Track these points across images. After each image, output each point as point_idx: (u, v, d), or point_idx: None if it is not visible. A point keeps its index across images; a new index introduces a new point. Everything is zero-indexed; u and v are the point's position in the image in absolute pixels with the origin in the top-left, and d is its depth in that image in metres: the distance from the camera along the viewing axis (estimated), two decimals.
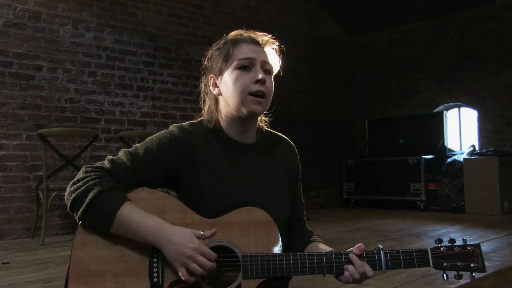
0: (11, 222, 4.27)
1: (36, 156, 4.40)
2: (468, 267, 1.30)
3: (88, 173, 1.24)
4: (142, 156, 1.30)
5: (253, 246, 1.26)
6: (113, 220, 1.19)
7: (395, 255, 1.29)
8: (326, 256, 1.28)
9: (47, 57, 4.57)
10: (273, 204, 1.35)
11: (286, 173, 1.49)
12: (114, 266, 1.21)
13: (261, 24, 6.45)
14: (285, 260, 1.25)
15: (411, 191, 6.25)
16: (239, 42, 1.36)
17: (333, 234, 4.37)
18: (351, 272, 1.26)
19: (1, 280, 2.73)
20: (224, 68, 1.36)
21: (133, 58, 5.23)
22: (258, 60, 1.34)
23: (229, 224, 1.27)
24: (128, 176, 1.28)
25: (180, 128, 1.36)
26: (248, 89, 1.32)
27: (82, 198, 1.20)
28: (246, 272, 1.22)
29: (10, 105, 4.32)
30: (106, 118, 4.97)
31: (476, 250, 1.32)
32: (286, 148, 1.54)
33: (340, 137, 7.40)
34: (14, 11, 4.40)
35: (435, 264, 1.30)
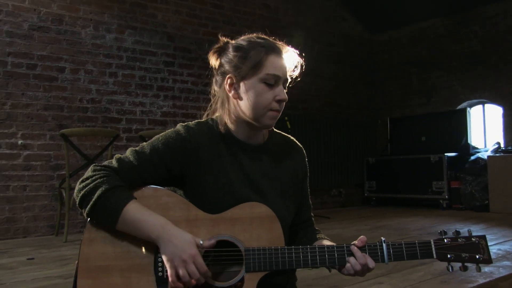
0: (36, 219, 4.39)
1: (59, 155, 4.51)
2: (473, 259, 1.29)
3: (97, 172, 1.28)
4: (148, 155, 1.33)
5: (256, 241, 1.28)
6: (118, 217, 1.22)
7: (398, 247, 1.29)
8: (328, 249, 1.29)
9: (70, 58, 4.68)
10: (276, 206, 1.35)
11: (292, 176, 1.49)
12: (121, 261, 1.25)
13: (280, 23, 6.46)
14: (287, 253, 1.27)
15: (433, 189, 6.15)
16: (271, 52, 1.33)
17: (352, 232, 4.34)
18: (352, 264, 1.27)
19: (25, 275, 2.83)
20: (249, 75, 1.33)
21: (153, 59, 5.30)
22: (283, 78, 1.35)
23: (232, 220, 1.29)
24: (134, 174, 1.31)
25: (186, 128, 1.38)
26: (269, 106, 1.33)
27: (90, 195, 1.24)
28: (248, 265, 1.25)
29: (34, 106, 4.44)
30: (127, 118, 5.06)
31: (481, 242, 1.31)
32: (294, 151, 1.54)
33: (361, 136, 7.34)
34: (38, 15, 4.52)
35: (439, 255, 1.29)
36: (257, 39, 1.38)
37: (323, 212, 6.05)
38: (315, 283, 2.43)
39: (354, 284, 2.38)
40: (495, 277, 2.51)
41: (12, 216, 4.28)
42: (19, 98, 4.37)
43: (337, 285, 2.36)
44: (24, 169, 4.37)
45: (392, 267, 2.76)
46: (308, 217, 1.56)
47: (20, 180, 4.34)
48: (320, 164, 6.74)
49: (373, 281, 2.45)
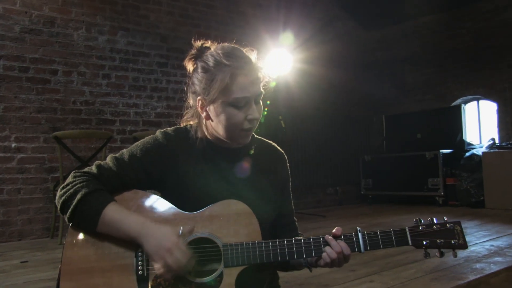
0: (31, 222, 4.39)
1: (53, 158, 4.51)
2: (448, 244, 1.31)
3: (77, 178, 1.31)
4: (127, 161, 1.36)
5: (234, 237, 1.30)
6: (98, 219, 1.25)
7: (373, 236, 1.31)
8: (304, 241, 1.31)
9: (62, 61, 4.67)
10: (255, 209, 1.36)
11: (271, 180, 1.50)
12: (102, 263, 1.27)
13: (272, 22, 6.45)
14: (264, 247, 1.29)
15: (429, 186, 6.16)
16: (237, 74, 1.30)
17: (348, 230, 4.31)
18: (328, 253, 1.28)
19: (18, 278, 2.83)
20: (218, 99, 1.32)
21: (146, 60, 5.30)
22: (253, 96, 1.33)
23: (209, 217, 1.31)
24: (113, 180, 1.34)
25: (164, 134, 1.42)
26: (240, 127, 1.34)
27: (70, 200, 1.27)
28: (227, 261, 1.27)
29: (27, 109, 4.44)
30: (121, 119, 5.06)
31: (456, 227, 1.33)
32: (273, 155, 1.55)
33: (357, 133, 7.36)
34: (30, 18, 4.52)
35: (414, 242, 1.31)
36: (223, 58, 1.32)
37: (319, 211, 6.06)
38: (307, 282, 2.43)
39: (345, 283, 2.39)
40: (486, 273, 2.51)
41: (6, 219, 4.28)
42: (12, 101, 4.37)
43: (328, 284, 2.37)
44: (18, 172, 4.37)
45: (384, 265, 2.77)
46: (291, 220, 1.57)
47: (15, 183, 4.34)
48: (316, 162, 6.74)
49: (365, 279, 2.46)
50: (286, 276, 2.45)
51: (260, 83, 1.36)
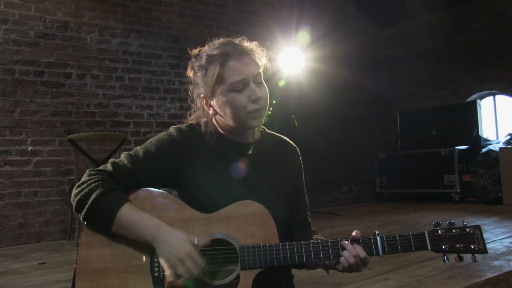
0: (48, 225, 4.45)
1: (68, 161, 4.57)
2: (468, 249, 1.29)
3: (92, 176, 1.30)
4: (141, 158, 1.35)
5: (250, 238, 1.28)
6: (113, 220, 1.24)
7: (392, 239, 1.30)
8: (322, 244, 1.30)
9: (76, 64, 4.73)
10: (269, 204, 1.36)
11: (285, 175, 1.49)
12: (117, 263, 1.26)
13: (284, 21, 6.44)
14: (281, 249, 1.27)
15: (445, 183, 6.09)
16: (226, 60, 1.32)
17: (362, 228, 4.31)
18: (346, 257, 1.27)
19: (36, 279, 2.87)
20: (217, 91, 1.34)
21: (159, 61, 5.33)
22: (250, 76, 1.33)
23: (226, 218, 1.30)
24: (128, 177, 1.33)
25: (178, 130, 1.41)
26: (246, 110, 1.33)
27: (85, 200, 1.25)
28: (244, 263, 1.25)
29: (43, 113, 4.50)
30: (135, 121, 5.10)
31: (476, 232, 1.31)
32: (287, 150, 1.54)
33: (371, 131, 7.30)
34: (44, 23, 4.58)
35: (433, 246, 1.30)
36: (213, 50, 1.35)
37: (334, 210, 6.03)
38: (321, 280, 2.42)
39: (360, 281, 2.37)
40: (505, 271, 2.47)
41: (24, 221, 4.35)
42: (28, 105, 4.43)
43: (343, 283, 2.35)
44: (35, 175, 4.43)
45: (399, 263, 2.74)
46: (304, 217, 1.56)
47: (32, 186, 4.40)
48: (330, 161, 6.71)
49: (380, 277, 2.44)
50: (300, 275, 2.45)
51: (255, 64, 1.36)
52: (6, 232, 4.26)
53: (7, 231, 4.26)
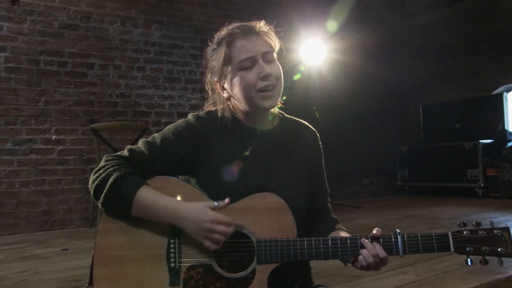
0: (71, 212, 4.54)
1: (91, 149, 4.64)
2: (494, 252, 1.23)
3: (108, 161, 1.30)
4: (159, 144, 1.34)
5: (267, 232, 1.27)
6: (132, 203, 1.23)
7: (413, 239, 1.26)
8: (341, 241, 1.27)
9: (98, 54, 4.79)
10: (289, 190, 1.34)
11: (305, 159, 1.46)
12: (134, 251, 1.26)
13: (306, 12, 6.38)
14: (299, 245, 1.25)
15: (468, 177, 5.98)
16: (233, 40, 1.33)
17: (381, 222, 4.29)
18: (364, 256, 1.24)
19: (59, 264, 2.95)
20: (226, 72, 1.35)
21: (181, 52, 5.35)
22: (259, 54, 1.32)
23: (243, 210, 1.28)
24: (145, 164, 1.32)
25: (196, 117, 1.40)
26: (255, 88, 1.32)
27: (103, 184, 1.25)
28: (260, 257, 1.24)
29: (66, 102, 4.58)
30: (156, 111, 5.14)
31: (504, 234, 1.24)
32: (306, 134, 1.51)
33: (393, 123, 7.21)
34: (68, 13, 4.65)
35: (457, 248, 1.25)
36: (222, 34, 1.38)
37: (354, 202, 5.99)
38: (338, 273, 2.42)
39: (378, 274, 2.36)
40: None
41: (49, 208, 4.45)
42: (52, 94, 4.52)
43: (360, 275, 2.34)
44: (59, 163, 4.52)
45: (418, 257, 2.71)
46: (324, 202, 1.53)
47: (55, 174, 4.50)
48: (351, 153, 6.66)
49: (398, 270, 2.42)
50: (318, 266, 2.45)
51: (264, 43, 1.35)
52: (31, 218, 4.37)
53: (32, 217, 4.37)
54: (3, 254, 3.38)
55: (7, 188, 4.28)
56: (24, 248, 3.62)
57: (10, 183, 4.30)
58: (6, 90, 4.32)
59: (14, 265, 2.99)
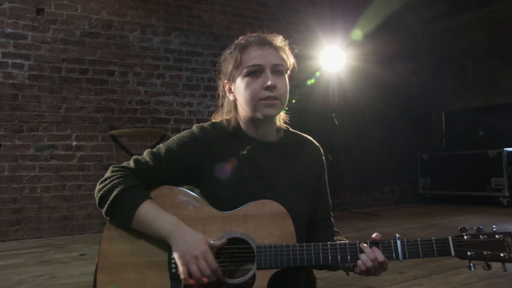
0: (90, 217, 4.61)
1: (111, 156, 4.71)
2: (497, 257, 1.21)
3: (114, 173, 1.34)
4: (163, 155, 1.37)
5: (267, 238, 1.28)
6: (133, 216, 1.27)
7: (413, 244, 1.25)
8: (340, 246, 1.27)
9: (119, 62, 4.87)
10: (290, 202, 1.35)
11: (307, 173, 1.47)
12: (137, 259, 1.29)
13: (326, 19, 6.36)
14: (298, 250, 1.26)
15: (492, 186, 5.83)
16: (247, 47, 1.37)
17: (401, 231, 4.21)
18: (363, 261, 1.24)
19: (75, 269, 2.99)
20: (235, 75, 1.38)
21: (200, 59, 5.40)
22: (268, 64, 1.34)
23: (244, 217, 1.30)
24: (150, 174, 1.35)
25: (200, 128, 1.42)
26: (258, 96, 1.34)
27: (107, 195, 1.30)
28: (260, 262, 1.25)
29: (87, 109, 4.66)
30: (175, 118, 5.19)
31: (507, 239, 1.22)
32: (309, 149, 1.52)
33: (414, 130, 7.08)
34: (89, 22, 4.74)
35: (457, 252, 1.23)
36: (238, 41, 1.41)
37: (375, 210, 5.91)
38: (351, 283, 2.38)
39: (392, 285, 2.32)
40: None
41: (69, 213, 4.52)
42: (73, 101, 4.61)
43: (374, 286, 2.30)
44: (79, 169, 4.60)
45: (435, 268, 2.65)
46: (327, 216, 1.53)
47: (75, 180, 4.58)
48: (372, 160, 6.58)
49: (412, 282, 2.37)
50: (331, 276, 2.42)
51: (277, 56, 1.37)
52: (52, 223, 4.45)
53: (53, 222, 4.45)
54: (23, 258, 3.45)
55: (29, 193, 4.37)
56: (44, 252, 3.68)
57: (32, 188, 4.39)
58: (30, 97, 4.43)
59: (33, 269, 3.04)
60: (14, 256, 3.53)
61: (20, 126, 4.37)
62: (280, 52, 1.39)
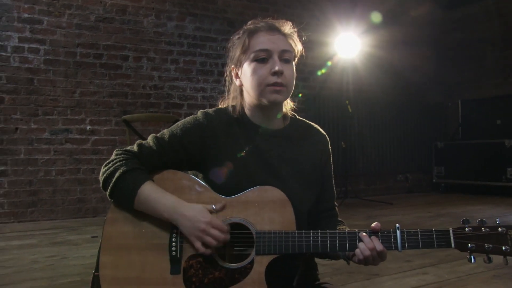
0: (104, 201, 4.68)
1: (124, 140, 4.76)
2: (498, 250, 1.18)
3: (118, 156, 1.36)
4: (167, 140, 1.38)
5: (268, 224, 1.28)
6: (134, 197, 1.29)
7: (413, 234, 1.24)
8: (339, 234, 1.26)
9: (133, 47, 4.89)
10: (294, 190, 1.35)
11: (312, 162, 1.46)
12: (139, 240, 1.31)
13: (341, 4, 6.27)
14: (297, 237, 1.26)
15: (508, 176, 5.74)
16: (255, 32, 1.36)
17: (412, 219, 4.19)
18: (361, 250, 1.23)
19: (86, 251, 3.07)
20: (243, 60, 1.37)
21: (214, 45, 5.39)
22: (276, 50, 1.33)
23: (245, 203, 1.31)
24: (153, 158, 1.37)
25: (205, 114, 1.42)
26: (265, 82, 1.33)
27: (110, 177, 1.32)
28: (259, 248, 1.26)
29: (101, 94, 4.71)
30: (189, 103, 5.21)
31: (510, 232, 1.19)
32: (315, 137, 1.50)
33: (430, 119, 7.00)
34: (104, 7, 4.76)
35: (458, 244, 1.21)
36: (247, 26, 1.39)
37: (387, 198, 5.88)
38: (357, 270, 2.39)
39: (397, 273, 2.32)
40: None
41: (83, 197, 4.61)
42: (87, 86, 4.65)
43: (379, 274, 2.31)
44: (93, 153, 4.66)
45: (443, 257, 2.64)
46: (331, 206, 1.52)
47: (89, 164, 4.65)
48: (386, 148, 6.53)
49: (419, 270, 2.36)
50: (336, 263, 2.43)
51: (285, 42, 1.36)
52: (66, 205, 4.53)
53: (67, 204, 4.54)
54: (37, 239, 3.53)
55: (44, 176, 4.45)
56: (57, 234, 3.77)
57: (47, 171, 4.47)
58: (45, 81, 4.49)
59: (46, 250, 3.12)
60: (29, 237, 3.62)
61: (35, 110, 4.44)
62: (288, 39, 1.37)
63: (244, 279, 1.25)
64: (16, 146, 4.36)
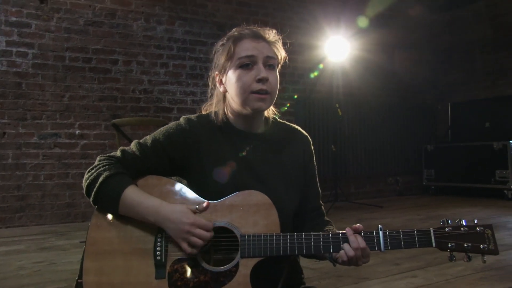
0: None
1: (113, 144, 4.74)
2: (477, 248, 1.23)
3: (101, 161, 1.36)
4: (149, 146, 1.38)
5: (252, 227, 1.29)
6: (118, 201, 1.28)
7: (395, 235, 1.27)
8: (323, 236, 1.28)
9: (122, 51, 4.87)
10: (278, 193, 1.36)
11: (296, 164, 1.47)
12: (123, 246, 1.31)
13: (331, 8, 6.30)
14: (282, 240, 1.27)
15: (496, 178, 5.79)
16: (240, 39, 1.36)
17: (402, 222, 4.21)
18: (346, 250, 1.25)
19: (74, 256, 3.03)
20: (227, 66, 1.38)
21: (204, 48, 5.39)
22: (260, 57, 1.34)
23: (229, 207, 1.32)
24: (136, 164, 1.37)
25: (187, 120, 1.43)
26: (250, 89, 1.33)
27: (94, 183, 1.31)
28: (244, 251, 1.26)
29: (90, 98, 4.69)
30: (179, 107, 5.20)
31: (487, 231, 1.24)
32: (298, 139, 1.52)
33: (420, 121, 7.04)
34: (93, 11, 4.74)
35: (438, 244, 1.25)
36: (231, 33, 1.40)
37: (378, 201, 5.91)
38: (346, 274, 2.39)
39: (386, 277, 2.32)
40: None
41: (72, 201, 4.57)
42: (76, 90, 4.63)
43: (368, 277, 2.31)
44: (82, 157, 4.63)
45: (431, 260, 2.65)
46: (317, 205, 1.53)
47: (78, 168, 4.61)
48: (376, 151, 6.56)
49: (407, 274, 2.37)
50: (325, 267, 2.43)
51: (269, 49, 1.37)
52: (55, 210, 4.50)
53: (56, 209, 4.50)
54: (25, 244, 3.50)
55: (33, 181, 4.42)
56: (45, 239, 3.73)
57: (36, 176, 4.43)
58: (33, 85, 4.46)
59: (33, 255, 3.09)
60: (17, 242, 3.59)
61: (24, 114, 4.41)
62: (272, 46, 1.39)
63: (230, 282, 1.25)
64: (4, 151, 4.32)
